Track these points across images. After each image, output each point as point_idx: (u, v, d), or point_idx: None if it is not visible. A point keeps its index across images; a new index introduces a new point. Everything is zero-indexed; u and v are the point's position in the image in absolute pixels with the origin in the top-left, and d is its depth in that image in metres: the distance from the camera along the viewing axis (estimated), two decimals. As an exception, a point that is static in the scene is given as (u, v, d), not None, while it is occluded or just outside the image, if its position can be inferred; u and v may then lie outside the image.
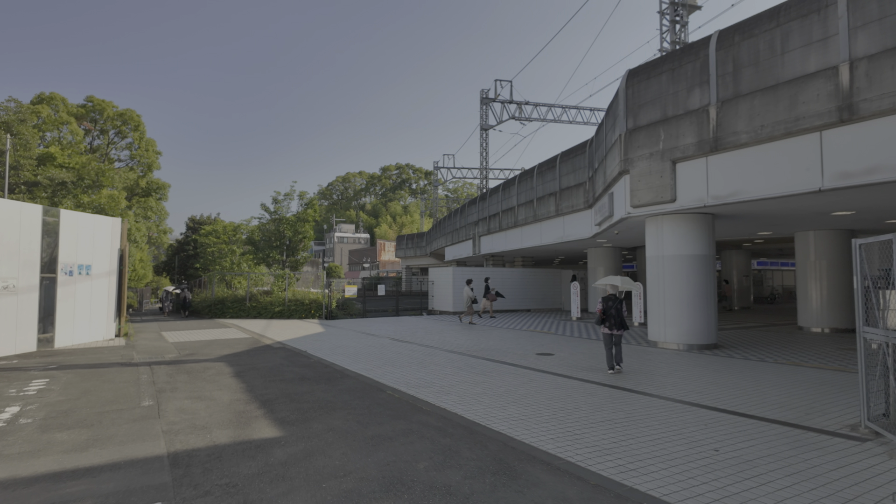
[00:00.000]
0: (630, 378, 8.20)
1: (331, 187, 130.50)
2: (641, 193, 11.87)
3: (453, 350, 11.45)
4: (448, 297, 22.69)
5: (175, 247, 45.25)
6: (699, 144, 10.68)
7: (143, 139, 31.03)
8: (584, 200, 18.68)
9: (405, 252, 56.16)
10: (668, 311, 11.79)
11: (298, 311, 21.71)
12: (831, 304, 15.10)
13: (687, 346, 11.56)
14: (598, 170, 16.19)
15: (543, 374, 8.56)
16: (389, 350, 11.45)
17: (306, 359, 10.22)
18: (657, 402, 6.57)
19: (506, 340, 13.20)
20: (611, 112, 13.95)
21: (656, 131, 11.58)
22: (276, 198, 24.01)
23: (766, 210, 11.29)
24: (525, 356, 10.57)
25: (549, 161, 21.42)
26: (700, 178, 10.80)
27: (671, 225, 11.83)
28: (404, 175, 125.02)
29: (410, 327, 16.86)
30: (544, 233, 21.69)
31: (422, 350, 11.44)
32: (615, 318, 8.60)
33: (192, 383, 7.81)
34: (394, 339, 13.67)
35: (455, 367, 9.19)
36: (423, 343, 12.70)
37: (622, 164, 12.39)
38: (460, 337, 13.99)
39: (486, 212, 27.94)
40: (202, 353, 11.14)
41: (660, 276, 12.01)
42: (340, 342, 12.94)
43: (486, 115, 32.10)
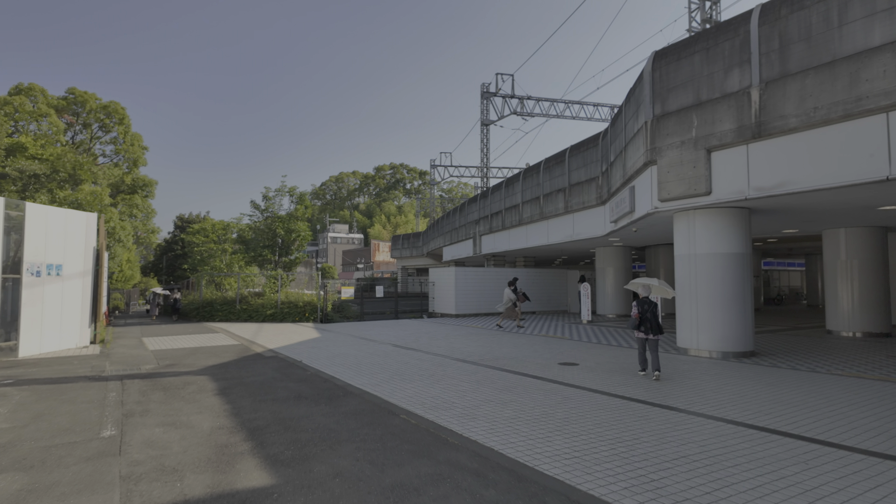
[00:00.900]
0: (676, 393, 7.10)
1: (324, 187, 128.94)
2: (671, 186, 10.80)
3: (465, 359, 10.31)
4: (450, 299, 21.55)
5: (163, 246, 43.78)
6: (739, 130, 9.62)
7: (129, 133, 29.64)
8: (596, 196, 17.60)
9: (401, 252, 54.95)
10: (700, 316, 10.72)
11: (292, 314, 20.50)
12: (864, 306, 14.11)
13: (721, 353, 10.49)
14: (614, 163, 15.12)
15: (576, 389, 7.44)
16: (394, 359, 10.29)
17: (302, 371, 9.03)
18: (725, 428, 5.46)
19: (520, 347, 12.08)
20: (632, 98, 12.87)
21: (688, 117, 10.51)
22: (267, 194, 22.75)
23: (812, 203, 10.24)
24: (547, 366, 9.45)
25: (558, 155, 20.34)
26: (740, 168, 9.73)
27: (705, 220, 10.75)
28: (398, 175, 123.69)
29: (413, 332, 15.71)
30: (552, 231, 20.60)
31: (430, 359, 10.29)
32: (652, 322, 8.24)
33: (168, 403, 6.62)
34: (397, 345, 12.51)
35: (473, 381, 8.05)
36: (430, 350, 11.56)
37: (648, 153, 11.31)
38: (469, 343, 12.85)
39: (488, 210, 26.83)
40: (184, 364, 9.92)
41: (691, 277, 10.94)
42: (339, 350, 11.76)
43: (487, 109, 30.99)
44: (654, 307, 8.39)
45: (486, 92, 30.35)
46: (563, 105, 31.05)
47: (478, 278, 22.03)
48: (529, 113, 30.37)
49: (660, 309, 8.23)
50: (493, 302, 22.52)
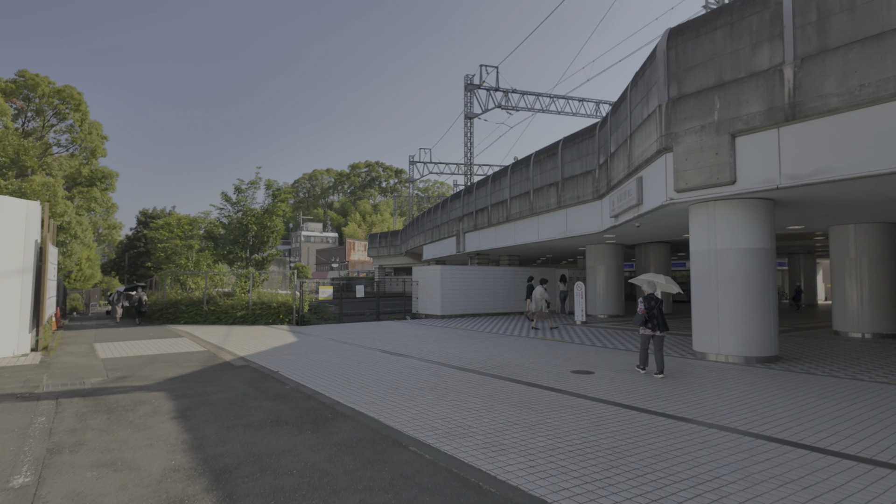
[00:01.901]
0: (725, 409, 6.07)
1: (297, 185, 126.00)
2: (689, 175, 9.83)
3: (466, 367, 9.13)
4: (435, 300, 20.34)
5: (125, 243, 41.34)
6: (769, 113, 8.69)
7: (86, 121, 27.47)
8: (592, 191, 16.65)
9: (378, 251, 53.45)
10: (722, 317, 9.78)
11: (265, 316, 18.98)
12: (873, 306, 13.48)
13: (744, 358, 9.58)
14: (616, 153, 14.16)
15: (607, 406, 6.34)
16: (385, 368, 9.04)
17: (279, 384, 7.71)
18: (824, 460, 4.43)
19: (521, 352, 10.97)
20: (640, 82, 11.90)
21: (709, 99, 9.56)
22: (240, 186, 21.12)
23: (847, 194, 9.40)
24: (560, 375, 8.34)
25: (550, 148, 19.34)
26: (770, 155, 8.81)
27: (727, 213, 9.82)
28: (374, 173, 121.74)
29: (399, 335, 14.45)
30: (542, 228, 19.60)
31: (427, 368, 9.08)
32: (658, 319, 8.21)
33: (111, 432, 5.25)
34: (385, 351, 11.25)
35: (483, 395, 6.88)
36: (423, 357, 10.34)
37: (662, 140, 10.34)
38: (464, 348, 11.68)
39: (473, 206, 25.72)
40: (139, 377, 8.47)
41: (710, 275, 10.00)
42: (320, 356, 10.44)
43: (471, 102, 29.87)
44: (660, 304, 8.35)
45: (470, 84, 29.23)
46: (549, 99, 30.17)
47: (464, 277, 20.89)
48: (514, 107, 29.39)
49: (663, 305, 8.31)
50: (481, 302, 21.43)
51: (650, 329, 8.31)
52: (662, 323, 8.21)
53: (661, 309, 8.31)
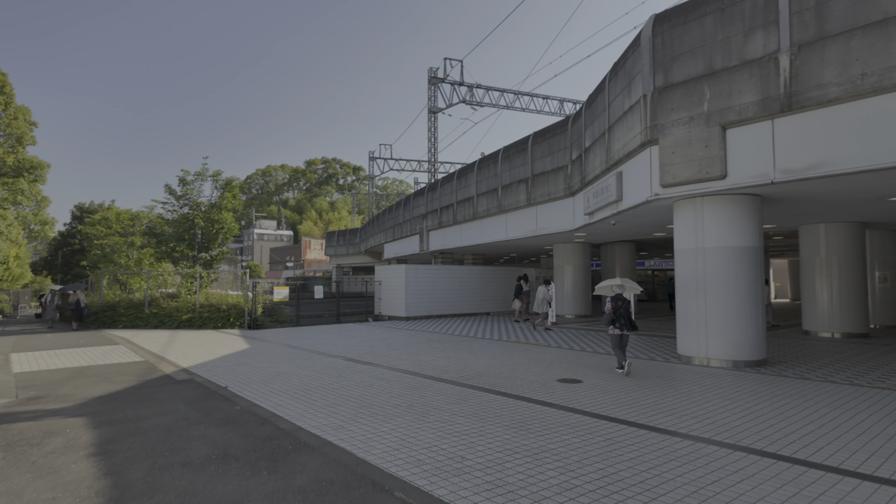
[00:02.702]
0: (740, 426, 5.43)
1: (250, 181, 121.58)
2: (676, 169, 9.29)
3: (442, 377, 8.24)
4: (400, 300, 19.34)
5: (59, 240, 38.18)
6: (763, 103, 8.21)
7: (12, 105, 24.89)
8: (564, 187, 16.08)
9: (336, 250, 51.79)
10: (710, 319, 9.29)
11: (213, 319, 17.48)
12: (843, 306, 13.45)
13: (732, 362, 9.11)
14: (591, 148, 13.60)
15: (611, 424, 5.59)
16: (351, 380, 8.03)
17: (228, 404, 6.58)
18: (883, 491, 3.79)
19: (498, 357, 10.17)
20: (622, 71, 11.33)
21: (698, 89, 9.03)
22: (185, 178, 19.43)
23: (841, 190, 9.04)
24: (547, 386, 7.58)
25: (519, 143, 18.69)
26: (763, 147, 8.34)
27: (715, 209, 9.33)
28: (331, 170, 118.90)
29: (363, 339, 13.40)
30: (511, 226, 18.94)
31: (399, 379, 8.13)
32: (626, 319, 8.41)
33: (4, 478, 4.07)
34: (350, 359, 10.21)
35: (469, 413, 6.01)
36: (393, 366, 9.37)
37: (647, 132, 9.76)
38: (436, 354, 10.78)
39: (437, 203, 24.84)
40: (57, 396, 7.14)
41: (697, 275, 9.49)
42: (277, 367, 9.30)
43: (435, 96, 28.96)
44: (628, 304, 8.51)
45: (434, 77, 28.32)
46: (514, 95, 29.66)
47: (430, 277, 19.99)
48: (479, 102, 28.69)
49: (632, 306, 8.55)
50: (447, 303, 20.58)
51: (618, 329, 8.46)
52: (630, 322, 8.43)
53: (628, 309, 8.49)
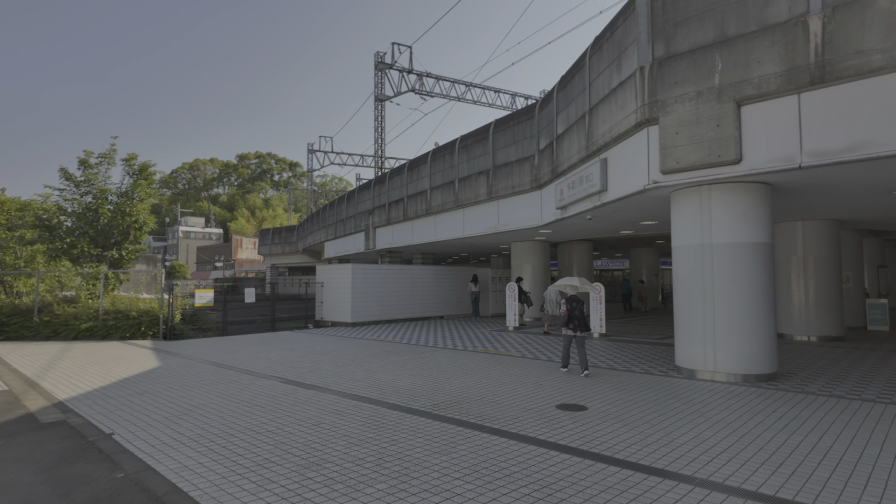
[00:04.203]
0: (836, 482, 4.04)
1: (175, 175, 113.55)
2: (681, 152, 7.98)
3: (411, 406, 6.43)
4: (345, 304, 17.23)
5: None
6: (788, 75, 7.02)
7: None
8: (530, 179, 14.67)
9: (270, 249, 48.37)
10: (718, 326, 8.03)
11: (121, 328, 14.69)
12: (819, 308, 12.85)
13: (742, 376, 7.91)
14: (565, 134, 12.22)
15: (664, 483, 4.03)
16: (292, 415, 6.06)
17: (107, 469, 4.46)
18: None
19: (472, 374, 8.48)
20: (608, 44, 9.98)
21: (708, 59, 7.76)
22: (87, 160, 16.35)
23: (862, 180, 8.03)
24: (548, 416, 5.97)
25: (479, 132, 17.14)
26: (788, 127, 7.15)
27: (726, 199, 8.10)
28: (265, 165, 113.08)
29: (304, 352, 11.31)
30: (469, 222, 17.35)
31: (355, 411, 6.24)
32: (579, 320, 8.48)
33: None
34: (288, 380, 8.17)
35: (469, 473, 4.27)
36: (345, 389, 7.45)
37: (644, 110, 8.43)
38: (396, 370, 8.94)
39: (386, 198, 22.87)
40: None
41: (703, 275, 8.22)
42: (192, 396, 7.14)
43: (382, 83, 26.90)
44: (582, 305, 8.59)
45: (381, 63, 26.28)
46: (465, 87, 28.15)
47: (380, 278, 18.03)
48: (429, 92, 26.96)
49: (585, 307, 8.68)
50: (399, 306, 18.69)
51: (571, 330, 8.48)
52: (583, 324, 8.46)
53: (581, 310, 8.53)
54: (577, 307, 8.50)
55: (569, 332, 8.56)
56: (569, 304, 8.51)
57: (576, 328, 8.46)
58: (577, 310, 8.48)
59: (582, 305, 8.58)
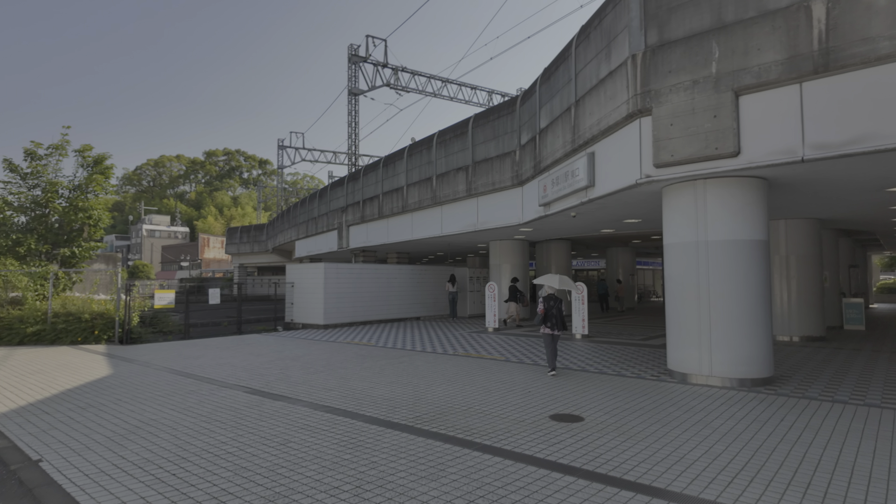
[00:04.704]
0: (875, 502, 3.60)
1: (139, 172, 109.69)
2: (676, 144, 7.57)
3: (391, 420, 5.80)
4: (317, 305, 16.43)
5: None
6: (790, 63, 6.66)
7: None
8: (511, 175, 14.18)
9: (238, 248, 46.83)
10: (714, 328, 7.64)
11: (72, 332, 13.60)
12: (801, 308, 12.72)
13: (738, 380, 7.54)
14: (549, 128, 11.76)
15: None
16: (257, 432, 5.37)
17: None
18: None
19: (455, 380, 7.90)
20: (596, 32, 9.54)
21: (704, 46, 7.37)
22: (34, 151, 15.13)
23: (860, 175, 7.76)
24: (542, 429, 5.44)
25: (457, 126, 16.57)
26: (789, 117, 6.79)
27: (722, 194, 7.71)
28: (234, 162, 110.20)
29: (272, 357, 10.54)
30: (448, 220, 16.77)
31: (329, 425, 5.59)
32: (557, 319, 8.36)
33: None
34: (254, 390, 7.44)
35: (458, 502, 3.68)
36: (317, 401, 6.77)
37: (636, 100, 8.00)
38: (372, 377, 8.29)
39: (360, 195, 22.10)
40: None
41: (699, 274, 7.83)
42: (143, 410, 6.36)
43: (356, 76, 26.07)
44: (560, 303, 8.50)
45: (355, 55, 25.45)
46: (441, 83, 27.55)
47: (354, 278, 17.29)
48: (405, 87, 26.27)
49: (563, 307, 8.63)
50: (373, 307, 17.97)
51: (549, 328, 8.36)
52: (560, 323, 8.34)
53: (560, 309, 8.43)
54: (555, 305, 8.42)
55: (547, 330, 8.41)
56: (546, 303, 8.41)
57: (553, 327, 8.34)
58: (555, 308, 8.40)
59: (560, 304, 8.49)
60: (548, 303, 8.46)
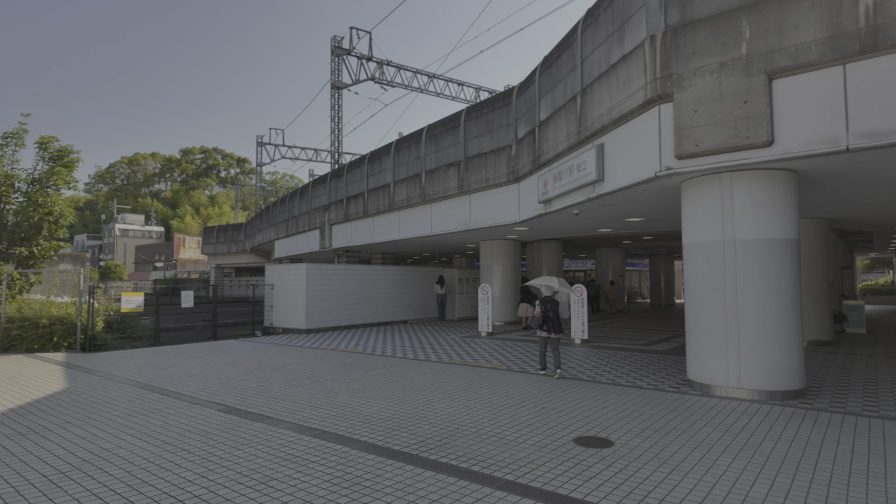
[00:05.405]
0: None
1: (113, 169, 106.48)
2: (701, 133, 6.88)
3: (391, 447, 4.95)
4: (299, 309, 15.44)
5: None
6: (833, 42, 6.00)
7: None
8: (507, 171, 13.41)
9: (215, 248, 45.28)
10: (742, 336, 6.96)
11: (27, 339, 12.39)
12: (809, 311, 12.17)
13: (768, 393, 6.87)
14: (550, 120, 11.02)
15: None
16: (232, 466, 4.48)
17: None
18: None
19: (456, 394, 7.07)
20: (605, 14, 8.82)
21: (733, 25, 6.68)
22: (-14, 140, 13.87)
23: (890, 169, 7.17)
24: (569, 457, 4.66)
25: (448, 120, 15.76)
26: (831, 102, 6.13)
27: (751, 188, 7.04)
28: (211, 160, 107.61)
29: (249, 367, 9.57)
30: (437, 218, 15.94)
31: (318, 455, 4.71)
32: (553, 321, 8.29)
33: None
34: (230, 408, 6.50)
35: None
36: (302, 422, 5.88)
37: (655, 85, 7.29)
38: (363, 392, 7.41)
39: (343, 193, 21.13)
40: None
41: (725, 275, 7.14)
42: (95, 438, 5.39)
43: (339, 69, 25.06)
44: (556, 306, 8.42)
45: (338, 48, 24.46)
46: (428, 78, 26.71)
47: (337, 279, 16.33)
48: (390, 81, 25.37)
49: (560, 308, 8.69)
50: (358, 310, 17.03)
51: (546, 331, 8.29)
52: (558, 325, 8.30)
53: (556, 311, 8.38)
54: (552, 308, 8.33)
55: (543, 333, 8.36)
56: (543, 306, 8.30)
57: (550, 330, 8.26)
58: (552, 311, 8.31)
59: (557, 307, 8.44)
60: (545, 305, 8.31)
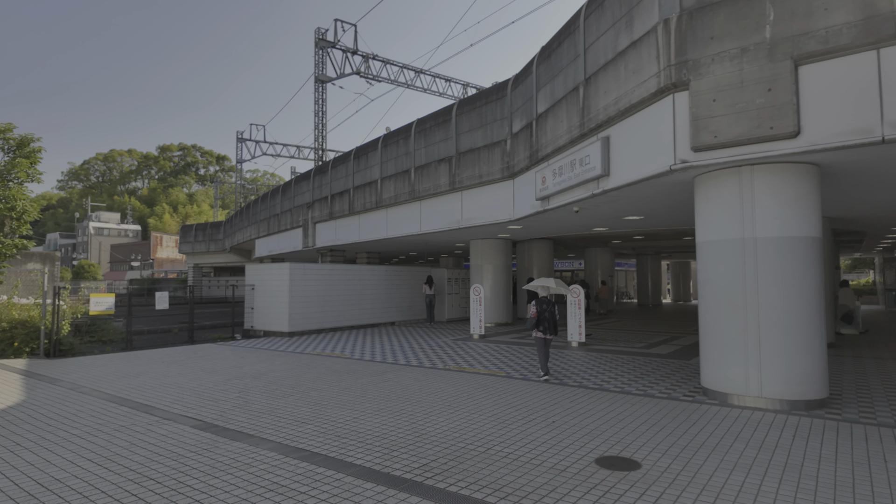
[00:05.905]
0: None
1: (87, 166, 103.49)
2: (719, 123, 6.40)
3: (391, 472, 4.35)
4: (282, 310, 14.68)
5: None
6: (866, 25, 5.57)
7: None
8: (502, 167, 12.86)
9: (193, 247, 43.96)
10: (764, 341, 6.49)
11: (-14, 345, 11.46)
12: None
13: (790, 402, 6.42)
14: (549, 113, 10.49)
15: None
16: (207, 501, 3.82)
17: None
18: None
19: (457, 406, 6.48)
20: None
21: (756, 7, 6.22)
22: (-59, 130, 12.84)
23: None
24: (591, 482, 4.11)
25: (439, 114, 15.15)
26: (864, 89, 5.69)
27: (773, 183, 6.57)
28: (190, 157, 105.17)
29: (228, 374, 8.85)
30: (428, 216, 15.33)
31: (307, 483, 4.09)
32: (549, 322, 8.12)
33: None
34: (206, 424, 5.82)
35: None
36: (287, 441, 5.23)
37: (669, 72, 6.81)
38: (354, 405, 6.78)
39: (328, 190, 20.37)
40: None
41: (744, 276, 6.67)
42: (46, 465, 4.68)
43: (324, 62, 24.25)
44: (553, 307, 8.27)
45: (322, 40, 23.64)
46: (415, 73, 26.07)
47: (322, 280, 15.61)
48: (376, 76, 24.65)
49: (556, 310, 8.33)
50: (344, 312, 16.32)
51: (542, 332, 8.15)
52: (554, 326, 8.18)
53: (552, 312, 8.23)
54: (548, 309, 8.19)
55: (539, 334, 8.19)
56: (539, 306, 8.16)
57: (546, 331, 8.13)
58: (548, 312, 8.17)
59: (553, 307, 8.27)
60: (540, 306, 8.16)
